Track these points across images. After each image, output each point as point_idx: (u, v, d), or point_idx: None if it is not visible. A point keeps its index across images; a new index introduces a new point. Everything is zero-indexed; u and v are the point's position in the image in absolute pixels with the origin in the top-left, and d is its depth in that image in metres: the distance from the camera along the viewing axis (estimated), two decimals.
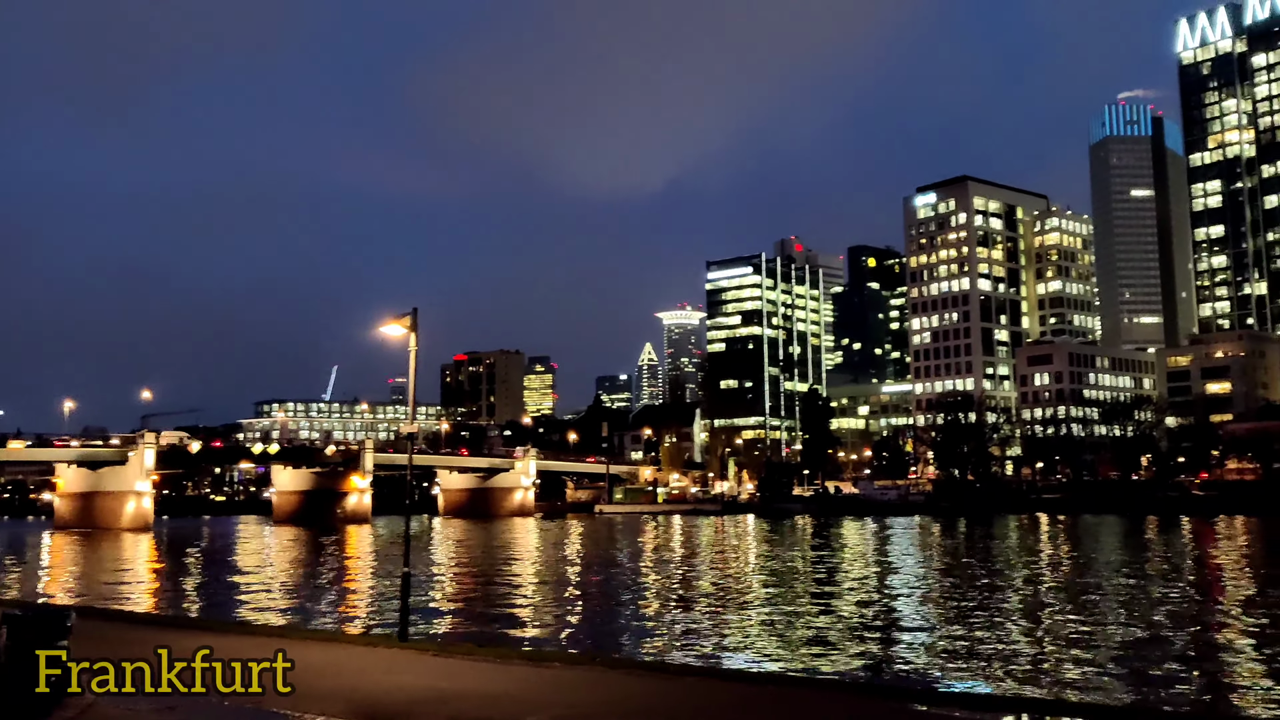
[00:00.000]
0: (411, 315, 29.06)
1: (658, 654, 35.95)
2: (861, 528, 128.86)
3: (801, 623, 44.37)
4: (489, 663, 23.10)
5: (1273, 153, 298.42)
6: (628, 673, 23.12)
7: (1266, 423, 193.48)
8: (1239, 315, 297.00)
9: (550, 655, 26.81)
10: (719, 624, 44.40)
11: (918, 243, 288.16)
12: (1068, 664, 33.92)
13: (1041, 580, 63.40)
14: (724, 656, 35.53)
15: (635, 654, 36.28)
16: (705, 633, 41.45)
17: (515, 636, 40.86)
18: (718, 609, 50.05)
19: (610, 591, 59.99)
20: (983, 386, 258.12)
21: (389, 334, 29.70)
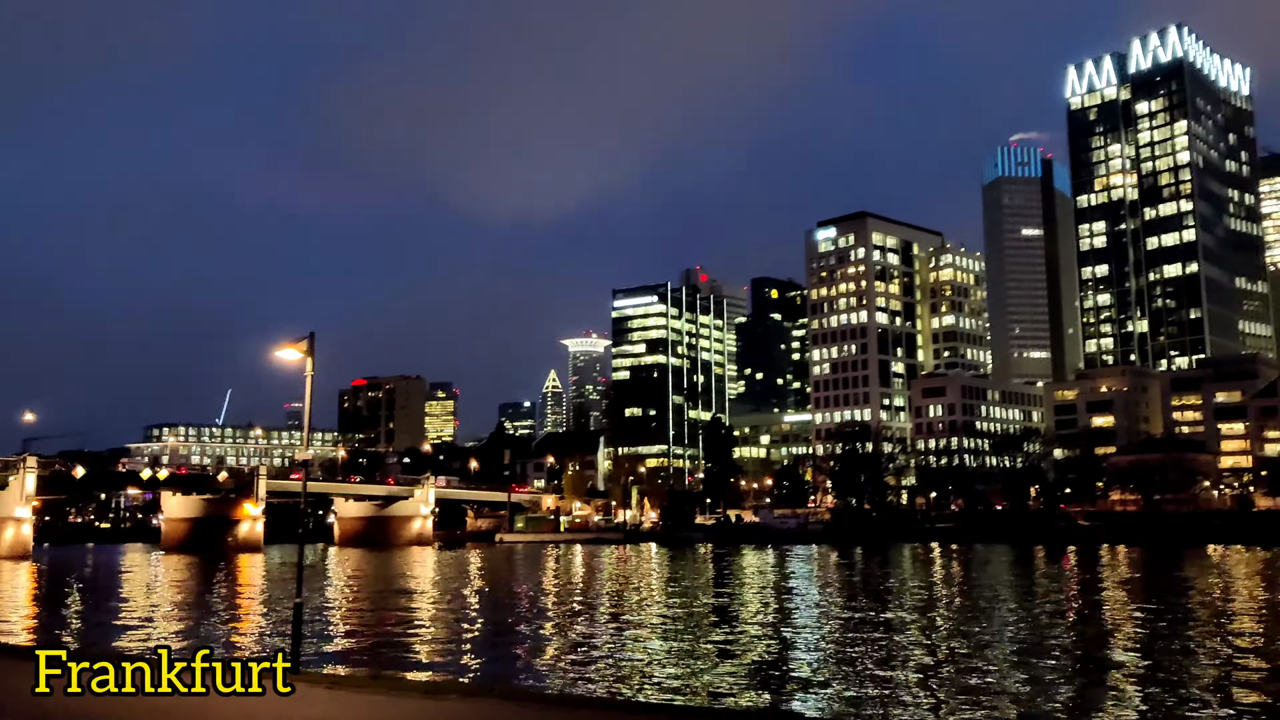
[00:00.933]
0: (309, 339, 28.53)
1: (558, 686, 35.67)
2: (761, 556, 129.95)
3: (702, 653, 44.50)
4: (383, 695, 22.62)
5: (1154, 196, 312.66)
6: (525, 705, 22.87)
7: (1147, 455, 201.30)
8: (1122, 351, 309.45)
9: (446, 687, 26.40)
10: (620, 655, 44.26)
11: (818, 275, 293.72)
12: (950, 694, 34.65)
13: (932, 610, 64.71)
14: (624, 688, 35.41)
15: (534, 686, 35.95)
16: (606, 664, 41.27)
17: (411, 668, 40.12)
18: (619, 639, 49.91)
19: (509, 622, 59.37)
20: (880, 417, 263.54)
21: (285, 358, 29.09)
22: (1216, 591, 74.17)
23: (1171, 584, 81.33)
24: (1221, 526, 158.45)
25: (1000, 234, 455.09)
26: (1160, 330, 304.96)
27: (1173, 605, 63.93)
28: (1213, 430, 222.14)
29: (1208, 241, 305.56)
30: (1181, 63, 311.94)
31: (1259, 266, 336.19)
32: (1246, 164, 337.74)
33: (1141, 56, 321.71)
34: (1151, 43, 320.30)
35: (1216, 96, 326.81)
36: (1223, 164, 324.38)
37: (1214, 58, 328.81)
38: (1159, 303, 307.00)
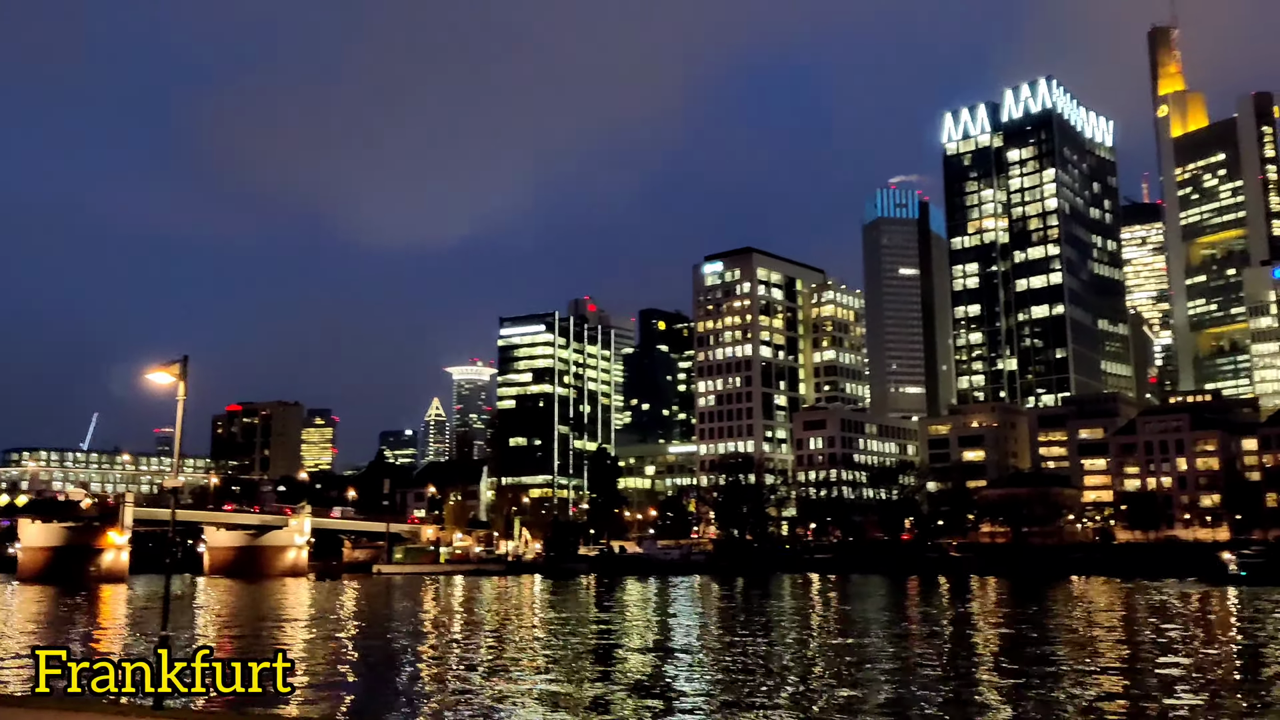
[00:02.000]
0: (182, 363, 27.74)
1: None
2: (644, 588, 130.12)
3: (579, 689, 44.31)
4: None
5: (1023, 240, 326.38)
6: None
7: (1015, 489, 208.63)
8: (993, 388, 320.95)
9: None
10: (496, 690, 43.77)
11: (705, 309, 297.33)
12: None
13: (809, 640, 65.75)
14: None
15: None
16: (480, 699, 40.76)
17: (277, 704, 38.93)
18: (495, 674, 49.34)
19: (382, 656, 58.12)
20: (762, 449, 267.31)
21: (157, 382, 28.18)
22: (1076, 620, 77.18)
23: (1035, 614, 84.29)
24: (1084, 559, 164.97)
25: (879, 273, 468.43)
26: (1028, 369, 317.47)
27: (1035, 634, 66.28)
28: (1076, 465, 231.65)
29: (1073, 285, 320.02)
30: (1050, 113, 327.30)
31: (1120, 309, 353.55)
32: (1109, 211, 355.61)
33: (1014, 106, 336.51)
34: (1023, 93, 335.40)
35: (1082, 147, 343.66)
36: (1087, 211, 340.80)
37: (1080, 110, 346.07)
38: (1027, 342, 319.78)
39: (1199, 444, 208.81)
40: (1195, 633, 66.62)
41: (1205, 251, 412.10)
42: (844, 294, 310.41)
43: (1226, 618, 78.42)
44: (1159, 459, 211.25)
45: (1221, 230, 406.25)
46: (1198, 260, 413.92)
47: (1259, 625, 71.13)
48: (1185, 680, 44.81)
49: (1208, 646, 58.59)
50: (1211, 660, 52.40)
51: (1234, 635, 65.60)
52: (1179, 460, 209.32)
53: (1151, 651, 56.45)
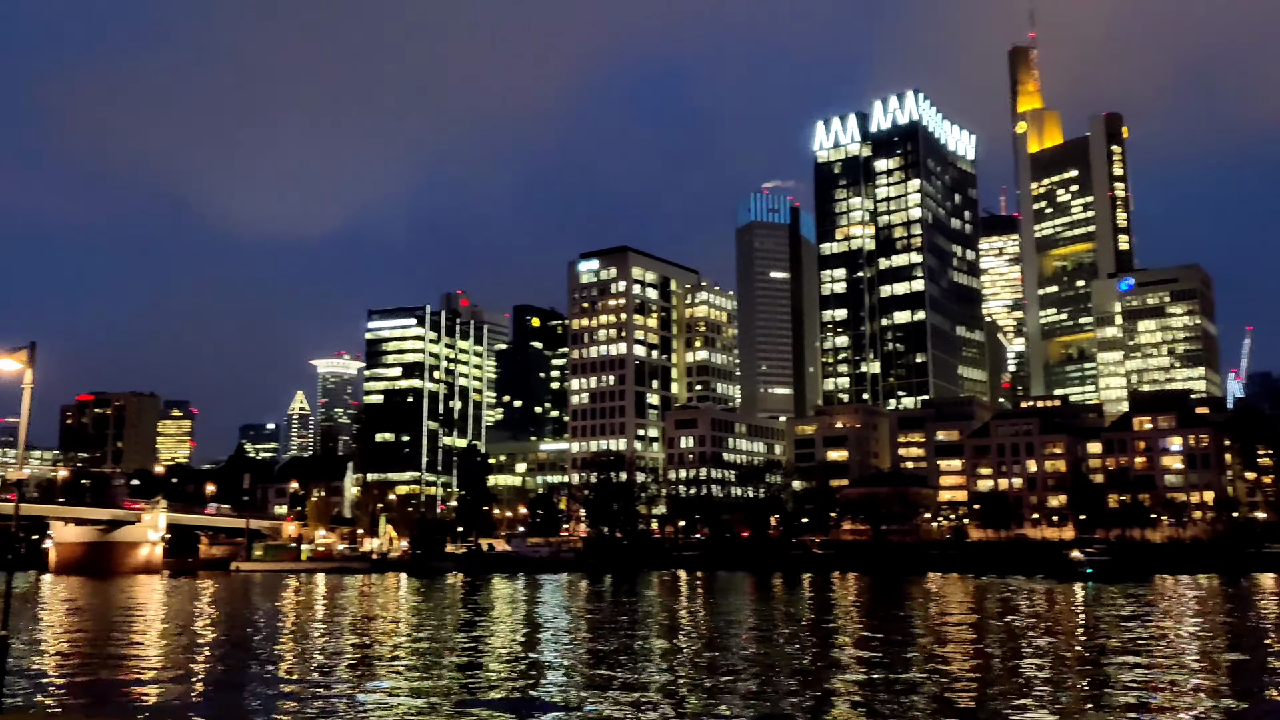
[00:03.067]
0: (29, 349, 26.40)
1: None
2: (513, 586, 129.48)
3: (440, 689, 43.85)
4: None
5: (888, 248, 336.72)
6: None
7: (876, 488, 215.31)
8: (856, 390, 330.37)
9: None
10: (353, 691, 42.98)
11: (580, 306, 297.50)
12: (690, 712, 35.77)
13: (672, 636, 66.51)
14: None
15: None
16: (337, 700, 39.98)
17: (127, 706, 37.45)
18: (352, 674, 48.44)
19: (237, 656, 56.41)
20: (634, 447, 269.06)
21: (1, 369, 26.75)
22: (930, 614, 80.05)
23: (892, 608, 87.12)
24: (939, 556, 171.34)
25: (751, 275, 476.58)
26: (890, 372, 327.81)
27: (891, 627, 68.56)
28: (934, 466, 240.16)
29: (934, 292, 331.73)
30: (916, 126, 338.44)
31: (977, 317, 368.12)
32: (969, 222, 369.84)
33: (882, 117, 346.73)
34: (891, 105, 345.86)
35: (945, 159, 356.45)
36: (948, 221, 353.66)
37: (944, 123, 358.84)
38: (890, 346, 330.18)
39: (1048, 447, 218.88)
40: (1046, 626, 69.87)
41: (1057, 263, 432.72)
42: (717, 295, 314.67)
43: (1073, 613, 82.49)
44: (1010, 461, 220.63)
45: (1073, 243, 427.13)
46: (1050, 271, 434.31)
47: (1101, 619, 75.06)
48: (1033, 670, 47.02)
49: (1055, 639, 61.54)
50: (1059, 651, 55.08)
51: (1079, 629, 69.05)
52: (1029, 462, 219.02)
53: (1004, 643, 59.00)
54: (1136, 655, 52.42)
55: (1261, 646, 58.47)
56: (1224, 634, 64.46)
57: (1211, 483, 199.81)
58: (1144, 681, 43.46)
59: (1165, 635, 62.83)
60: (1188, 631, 65.52)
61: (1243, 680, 45.38)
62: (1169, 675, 45.78)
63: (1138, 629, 66.14)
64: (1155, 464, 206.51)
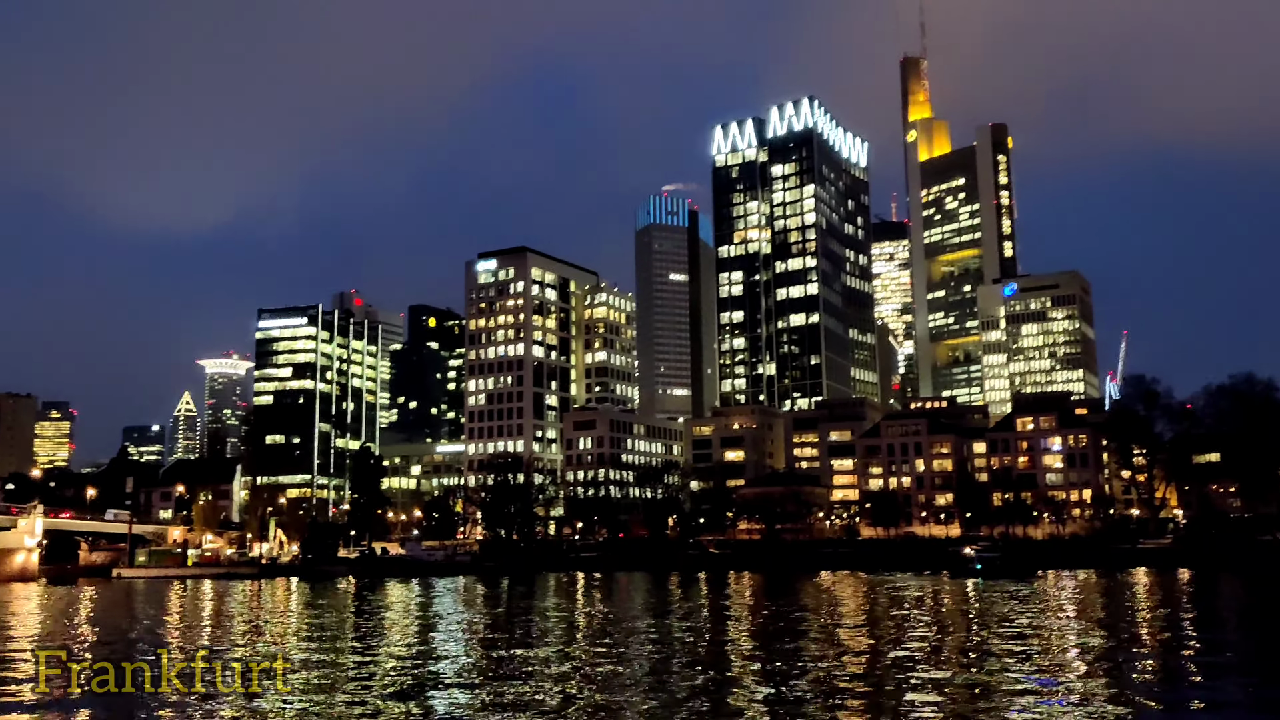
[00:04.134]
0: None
1: None
2: (407, 590, 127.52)
3: (328, 697, 42.85)
4: None
5: (784, 252, 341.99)
6: None
7: (770, 488, 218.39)
8: (753, 392, 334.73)
9: None
10: (238, 701, 41.70)
11: (478, 306, 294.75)
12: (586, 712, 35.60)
13: (568, 638, 66.30)
14: None
15: None
16: (222, 711, 38.72)
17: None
18: (237, 682, 46.98)
19: (116, 665, 54.14)
20: (532, 449, 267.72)
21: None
22: (822, 611, 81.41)
23: (784, 606, 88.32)
24: (832, 554, 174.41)
25: (650, 277, 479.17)
26: (786, 374, 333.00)
27: (783, 625, 69.51)
28: (827, 466, 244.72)
29: (828, 296, 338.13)
30: (811, 132, 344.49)
31: (869, 320, 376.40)
32: (861, 228, 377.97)
33: (778, 123, 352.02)
34: (787, 111, 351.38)
35: (839, 165, 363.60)
36: (842, 227, 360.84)
37: (838, 130, 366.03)
38: (785, 349, 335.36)
39: (935, 447, 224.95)
40: (942, 620, 71.63)
41: (945, 269, 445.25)
42: (616, 297, 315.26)
43: (966, 607, 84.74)
44: (900, 460, 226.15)
45: (960, 249, 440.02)
46: (938, 277, 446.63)
47: (990, 613, 77.33)
48: (928, 661, 48.12)
49: (951, 632, 63.13)
50: (954, 643, 56.49)
51: (972, 622, 70.97)
52: (917, 462, 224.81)
53: (902, 638, 60.29)
54: (1025, 646, 54.11)
55: (1136, 638, 60.97)
56: (1104, 626, 66.98)
57: (1090, 481, 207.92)
58: (1032, 670, 44.87)
59: (1051, 627, 65.04)
60: (1071, 624, 67.92)
61: (1119, 669, 47.19)
62: (1054, 663, 47.35)
63: (1027, 621, 68.32)
64: (1037, 463, 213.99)
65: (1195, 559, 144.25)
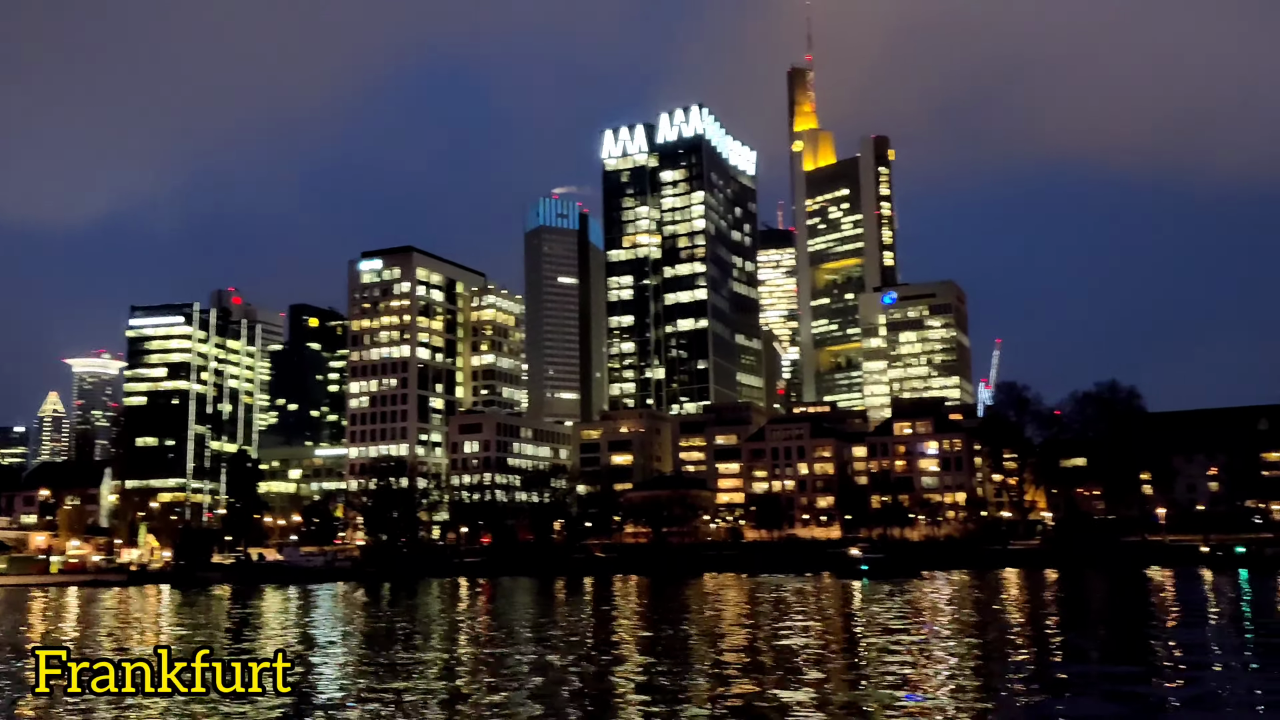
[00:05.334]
0: None
1: None
2: (284, 597, 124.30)
3: (196, 710, 41.36)
4: None
5: (673, 257, 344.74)
6: None
7: (658, 491, 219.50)
8: (641, 396, 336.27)
9: None
10: (99, 714, 39.94)
11: (361, 307, 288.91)
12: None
13: (450, 644, 65.47)
14: None
15: None
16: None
17: None
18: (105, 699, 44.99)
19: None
20: (416, 452, 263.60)
21: None
22: (705, 613, 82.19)
23: (669, 609, 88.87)
24: (717, 556, 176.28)
25: (539, 280, 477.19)
26: (674, 378, 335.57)
27: (668, 627, 69.92)
28: (713, 469, 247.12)
29: (716, 301, 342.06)
30: (701, 139, 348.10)
31: (755, 326, 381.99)
32: (749, 235, 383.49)
33: (669, 129, 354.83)
34: (677, 118, 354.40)
35: (727, 173, 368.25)
36: (730, 233, 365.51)
37: (727, 138, 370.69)
38: (674, 353, 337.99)
39: (817, 451, 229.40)
40: (830, 619, 72.91)
41: (828, 277, 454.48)
42: (504, 299, 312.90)
43: (853, 606, 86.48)
44: (783, 464, 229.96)
45: (843, 258, 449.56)
46: (822, 284, 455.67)
47: (877, 612, 79.12)
48: (814, 659, 48.92)
49: (840, 630, 64.33)
50: (843, 641, 57.57)
51: (859, 621, 72.46)
52: (800, 465, 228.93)
53: (788, 636, 61.16)
54: (909, 643, 55.51)
55: (1007, 635, 63.19)
56: (980, 625, 69.15)
57: (963, 484, 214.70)
58: (910, 663, 46.04)
59: (931, 625, 66.88)
60: (950, 622, 69.94)
61: (992, 667, 48.80)
62: (934, 660, 48.68)
63: (911, 620, 70.10)
64: (914, 467, 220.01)
65: (1062, 559, 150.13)
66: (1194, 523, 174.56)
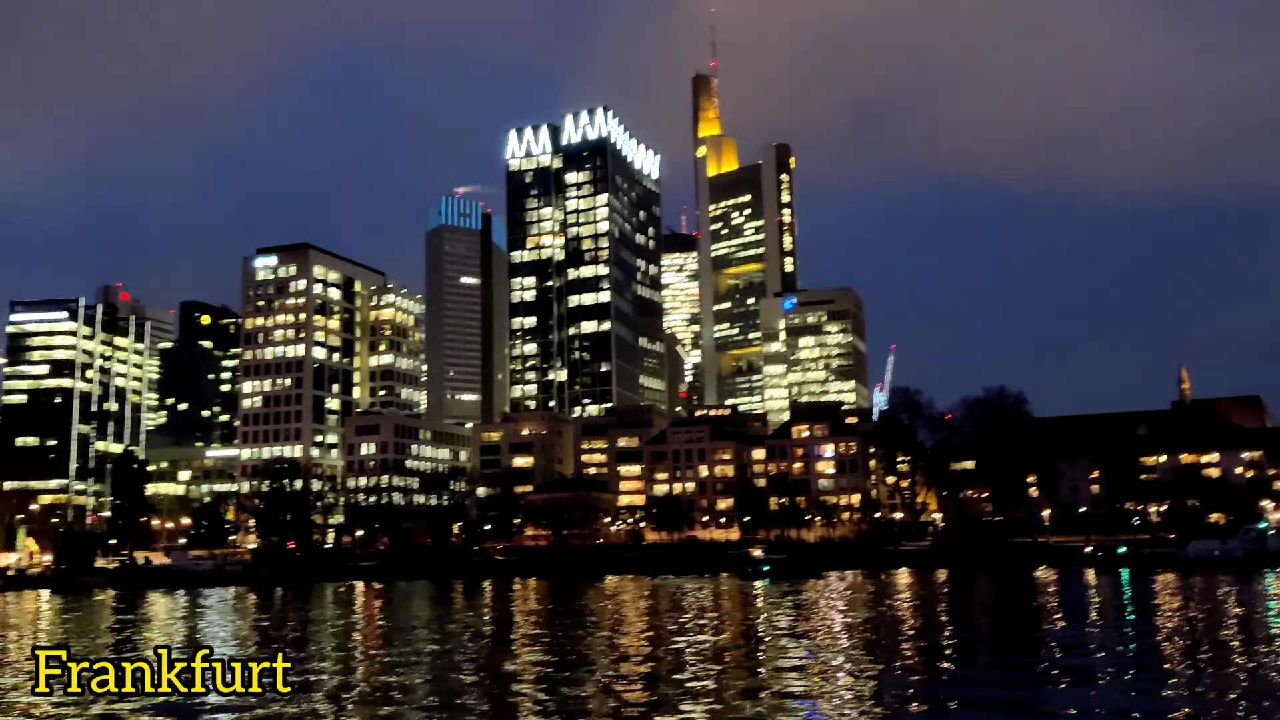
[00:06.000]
0: None
1: None
2: (171, 602, 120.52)
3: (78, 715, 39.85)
4: None
5: (577, 259, 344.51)
6: None
7: (559, 494, 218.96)
8: (544, 398, 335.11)
9: None
10: None
11: (255, 305, 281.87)
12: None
13: (343, 650, 64.33)
14: None
15: None
16: None
17: None
18: None
19: None
20: (311, 454, 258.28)
21: None
22: (605, 615, 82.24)
23: (567, 611, 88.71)
24: (617, 559, 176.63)
25: (441, 280, 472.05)
26: (577, 380, 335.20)
27: (564, 629, 69.79)
28: (614, 471, 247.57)
29: (619, 304, 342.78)
30: (605, 142, 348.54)
31: (658, 329, 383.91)
32: (652, 239, 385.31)
33: (573, 131, 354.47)
34: (582, 120, 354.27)
35: (632, 176, 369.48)
36: (634, 236, 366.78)
37: (631, 141, 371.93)
38: (576, 355, 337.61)
39: (718, 453, 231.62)
40: (733, 619, 73.50)
41: (731, 281, 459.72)
42: (404, 298, 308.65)
43: (755, 606, 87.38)
44: (684, 466, 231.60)
45: (745, 263, 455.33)
46: (724, 289, 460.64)
47: (779, 611, 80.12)
48: (703, 663, 49.28)
49: (743, 630, 64.89)
50: (745, 640, 58.10)
51: (760, 619, 73.22)
52: (701, 467, 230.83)
53: (675, 639, 61.50)
54: (806, 646, 56.37)
55: (898, 633, 64.71)
56: (874, 624, 70.62)
57: (858, 486, 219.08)
58: (804, 669, 46.75)
59: (830, 623, 68.04)
60: (846, 621, 71.24)
61: (884, 672, 49.91)
62: (830, 668, 49.55)
63: (808, 622, 71.16)
64: (811, 469, 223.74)
65: (952, 560, 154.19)
66: (1077, 524, 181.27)
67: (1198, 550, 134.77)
